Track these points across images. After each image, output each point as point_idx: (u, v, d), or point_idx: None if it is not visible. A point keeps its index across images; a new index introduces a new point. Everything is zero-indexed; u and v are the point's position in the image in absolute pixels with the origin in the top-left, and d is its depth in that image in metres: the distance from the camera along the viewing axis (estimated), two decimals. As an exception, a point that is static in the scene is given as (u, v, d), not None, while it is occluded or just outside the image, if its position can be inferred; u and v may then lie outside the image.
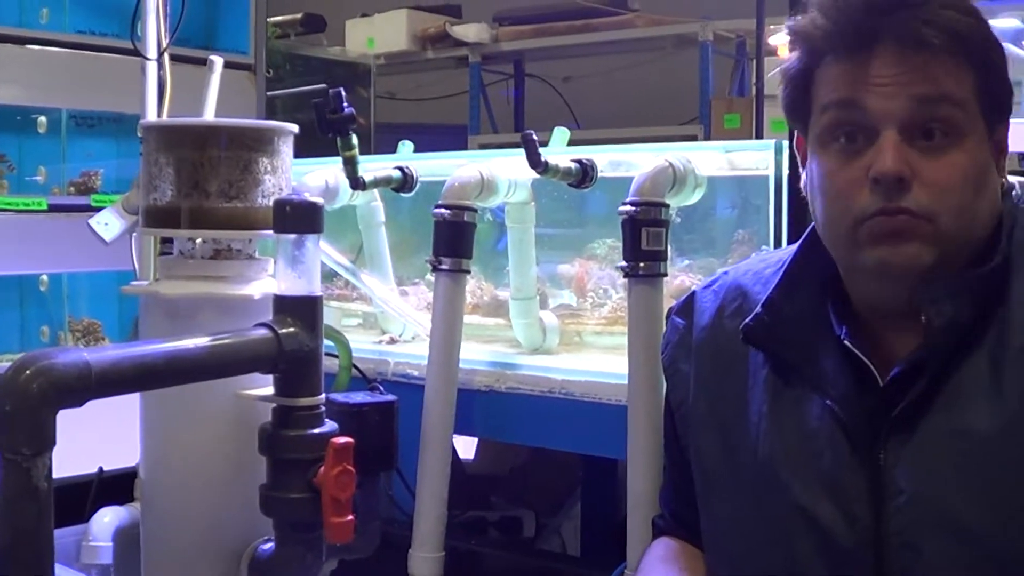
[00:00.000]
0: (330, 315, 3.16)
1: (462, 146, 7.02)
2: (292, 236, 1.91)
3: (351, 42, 7.66)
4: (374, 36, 7.60)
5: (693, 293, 1.91)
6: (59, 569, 2.32)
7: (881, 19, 1.55)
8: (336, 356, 2.54)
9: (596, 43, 7.24)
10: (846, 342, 1.63)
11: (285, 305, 1.92)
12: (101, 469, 2.93)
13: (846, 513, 1.57)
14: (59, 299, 4.89)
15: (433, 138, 6.12)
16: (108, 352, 1.69)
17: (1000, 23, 4.11)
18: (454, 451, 2.97)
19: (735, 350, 1.76)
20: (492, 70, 7.96)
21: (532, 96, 7.92)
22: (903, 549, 1.53)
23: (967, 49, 1.56)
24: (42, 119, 4.72)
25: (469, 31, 7.47)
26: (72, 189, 4.77)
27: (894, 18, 1.55)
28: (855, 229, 1.57)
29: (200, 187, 2.05)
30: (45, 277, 4.76)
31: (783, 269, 1.74)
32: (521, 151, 2.36)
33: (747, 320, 1.73)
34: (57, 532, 2.63)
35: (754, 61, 6.17)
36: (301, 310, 1.91)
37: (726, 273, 1.89)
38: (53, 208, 4.50)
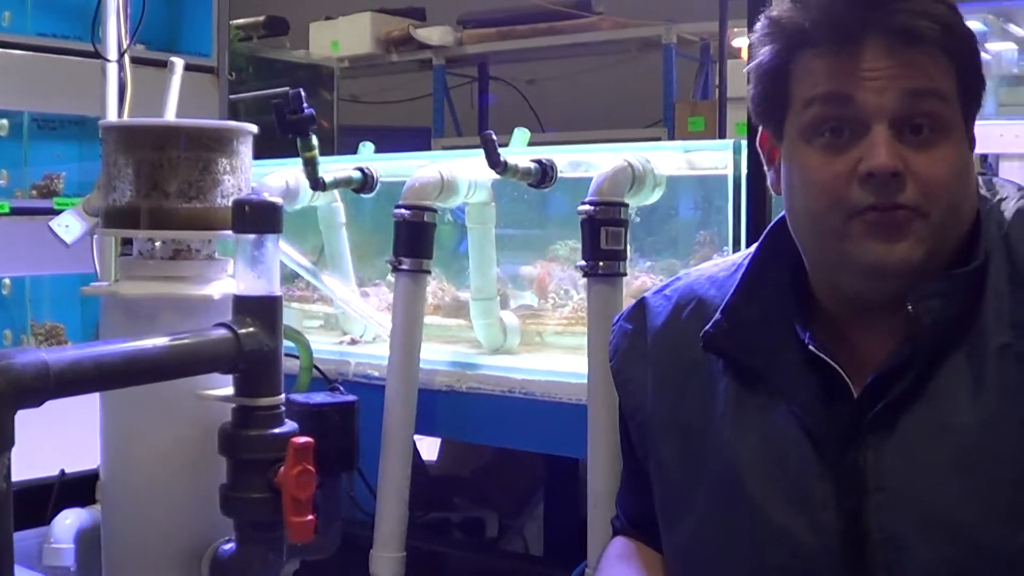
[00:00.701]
0: (292, 316, 3.16)
1: (426, 149, 7.02)
2: (251, 236, 1.91)
3: (315, 45, 7.66)
4: (338, 39, 7.60)
5: (643, 299, 1.87)
6: (21, 571, 2.33)
7: (869, 11, 1.53)
8: (297, 357, 2.54)
9: (560, 46, 7.26)
10: (812, 348, 1.60)
11: (244, 305, 1.92)
12: (63, 471, 2.92)
13: (813, 522, 1.55)
14: (22, 303, 4.88)
15: (397, 141, 6.12)
16: (67, 352, 1.69)
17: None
18: (417, 453, 2.98)
19: (693, 355, 1.72)
20: (456, 73, 7.97)
21: (496, 99, 7.93)
22: (886, 544, 1.51)
23: (953, 42, 1.54)
24: (3, 122, 4.72)
25: (433, 34, 7.47)
26: (34, 192, 4.77)
27: (883, 10, 1.52)
28: (845, 223, 1.54)
29: (159, 187, 2.05)
30: (8, 280, 4.75)
31: (742, 272, 1.72)
32: (481, 152, 2.37)
33: (707, 328, 1.70)
34: (19, 535, 2.63)
35: (717, 64, 6.19)
36: (261, 310, 1.91)
37: (678, 278, 1.87)
38: (15, 211, 4.50)
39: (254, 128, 2.14)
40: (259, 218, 1.92)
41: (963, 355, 1.53)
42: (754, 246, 1.74)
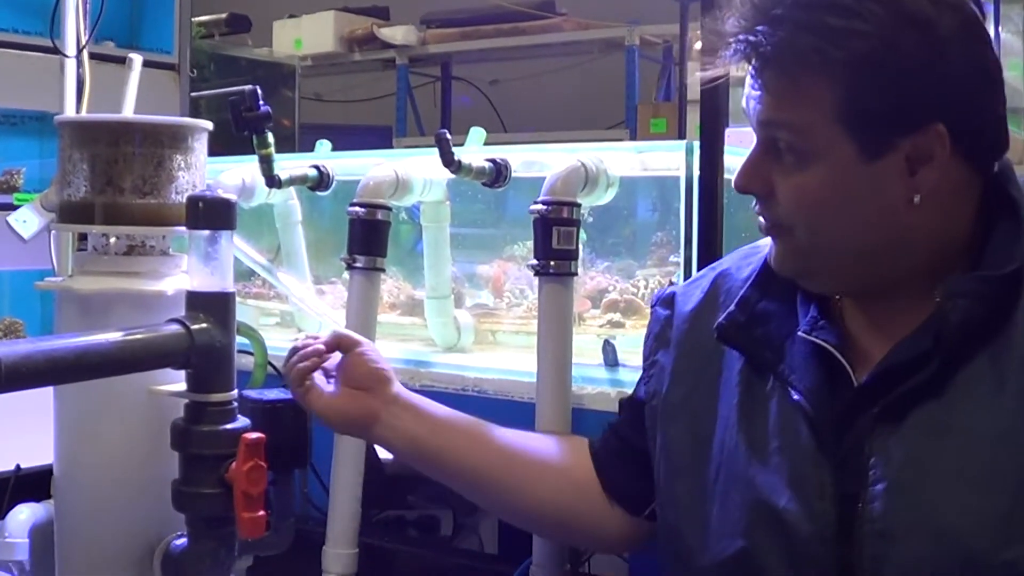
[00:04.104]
0: (248, 313, 3.16)
1: (388, 148, 7.01)
2: (205, 232, 1.91)
3: (278, 43, 7.65)
4: (301, 37, 7.60)
5: (674, 286, 1.93)
6: (-27, 566, 2.33)
7: (748, 31, 1.54)
8: (252, 354, 2.54)
9: (523, 47, 7.26)
10: (801, 332, 1.64)
11: (198, 301, 1.92)
12: (18, 466, 2.91)
13: (808, 508, 1.57)
14: (-21, 298, 4.85)
15: (360, 140, 6.12)
16: (18, 346, 1.68)
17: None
18: (374, 451, 2.98)
19: (715, 345, 1.75)
20: (419, 72, 7.97)
21: (459, 99, 7.93)
22: (877, 538, 1.51)
23: (816, 68, 1.51)
24: (-38, 118, 4.70)
25: (396, 33, 7.48)
26: (-7, 187, 4.74)
27: (751, 34, 1.54)
28: None
29: (114, 183, 2.05)
30: (-34, 276, 4.73)
31: (760, 264, 1.74)
32: (436, 150, 2.38)
33: (720, 320, 1.73)
34: (-27, 529, 2.63)
35: (679, 66, 6.21)
36: (214, 306, 1.91)
37: (712, 268, 1.89)
38: (-27, 207, 4.47)
39: (209, 125, 2.14)
40: (213, 214, 1.91)
41: (986, 360, 1.52)
42: None
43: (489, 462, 1.99)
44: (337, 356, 2.00)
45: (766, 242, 1.76)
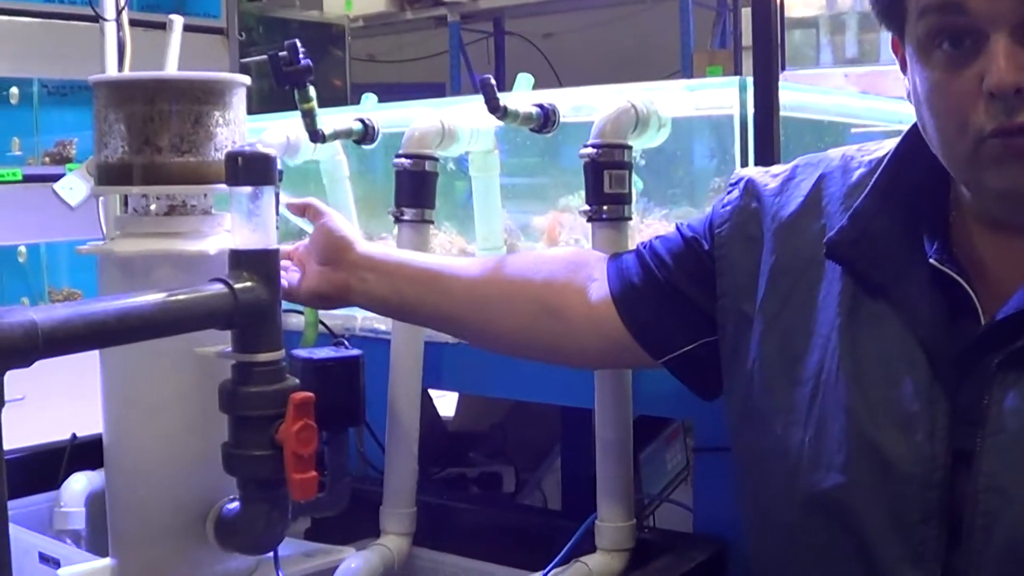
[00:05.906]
0: (299, 273, 3.13)
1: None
2: (246, 189, 1.87)
3: (328, 4, 7.64)
4: (352, -2, 7.60)
5: (752, 180, 1.79)
6: (31, 535, 2.31)
7: None
8: (302, 313, 2.51)
9: (576, -2, 7.24)
10: (933, 260, 1.51)
11: (241, 259, 1.88)
12: (74, 435, 2.90)
13: (916, 448, 1.45)
14: (38, 269, 4.87)
15: (413, 98, 6.09)
16: (57, 310, 1.64)
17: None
18: (435, 409, 2.95)
19: (813, 254, 1.63)
20: (471, 29, 7.94)
21: (512, 54, 7.90)
22: (990, 492, 1.40)
23: None
24: (14, 90, 4.71)
25: (447, -11, 7.46)
26: (47, 159, 4.76)
27: None
28: (975, 149, 1.42)
29: (151, 142, 2.01)
30: (23, 248, 4.74)
31: (876, 176, 1.61)
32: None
33: (831, 235, 1.60)
34: (31, 499, 2.63)
35: (733, 12, 6.16)
36: (257, 264, 1.87)
37: (811, 165, 1.75)
38: (28, 179, 4.49)
39: (247, 79, 2.10)
40: (253, 170, 1.87)
41: None
42: (895, 142, 1.61)
43: (459, 304, 2.03)
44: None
45: (870, 147, 1.66)
